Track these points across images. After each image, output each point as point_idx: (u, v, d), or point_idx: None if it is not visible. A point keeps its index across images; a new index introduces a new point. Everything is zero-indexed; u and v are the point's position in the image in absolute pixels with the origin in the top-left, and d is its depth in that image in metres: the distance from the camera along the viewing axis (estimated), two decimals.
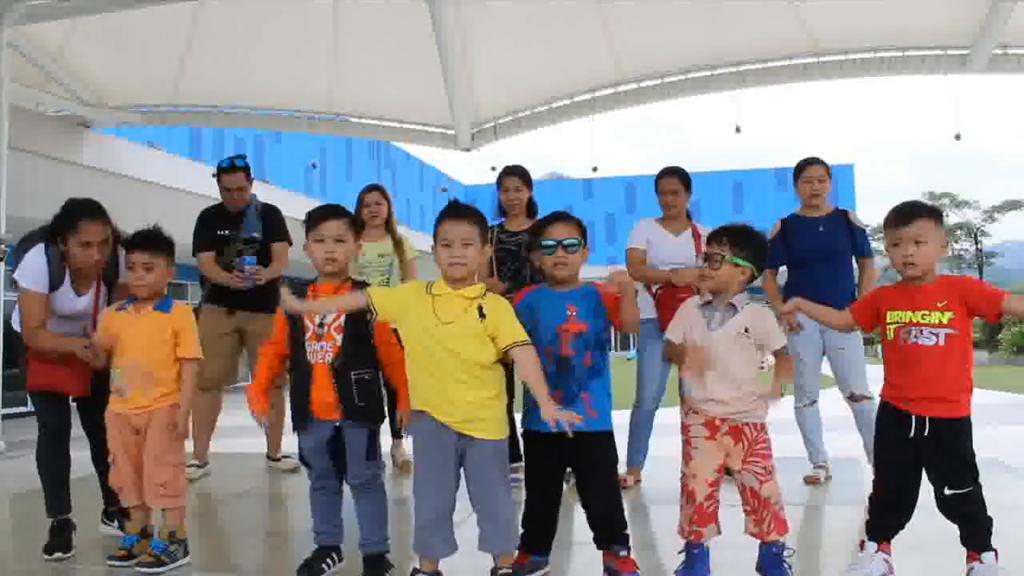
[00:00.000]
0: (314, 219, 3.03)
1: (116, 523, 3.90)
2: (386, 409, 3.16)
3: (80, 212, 3.40)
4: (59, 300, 3.50)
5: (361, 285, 3.03)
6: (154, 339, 3.27)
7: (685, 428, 2.88)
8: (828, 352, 4.61)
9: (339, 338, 2.94)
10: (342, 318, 2.95)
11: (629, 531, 2.90)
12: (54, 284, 3.45)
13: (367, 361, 2.99)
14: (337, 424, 2.96)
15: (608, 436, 2.89)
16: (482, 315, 2.66)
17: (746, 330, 2.80)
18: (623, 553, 2.84)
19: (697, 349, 2.78)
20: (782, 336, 2.85)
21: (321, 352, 2.94)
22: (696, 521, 2.80)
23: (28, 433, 4.04)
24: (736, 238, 2.85)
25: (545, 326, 2.84)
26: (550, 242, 2.90)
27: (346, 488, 3.09)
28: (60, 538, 3.47)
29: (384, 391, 3.11)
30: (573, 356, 2.83)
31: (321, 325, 2.95)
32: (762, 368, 2.89)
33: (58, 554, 3.38)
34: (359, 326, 2.96)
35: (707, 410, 2.82)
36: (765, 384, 2.83)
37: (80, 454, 4.15)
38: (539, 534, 2.96)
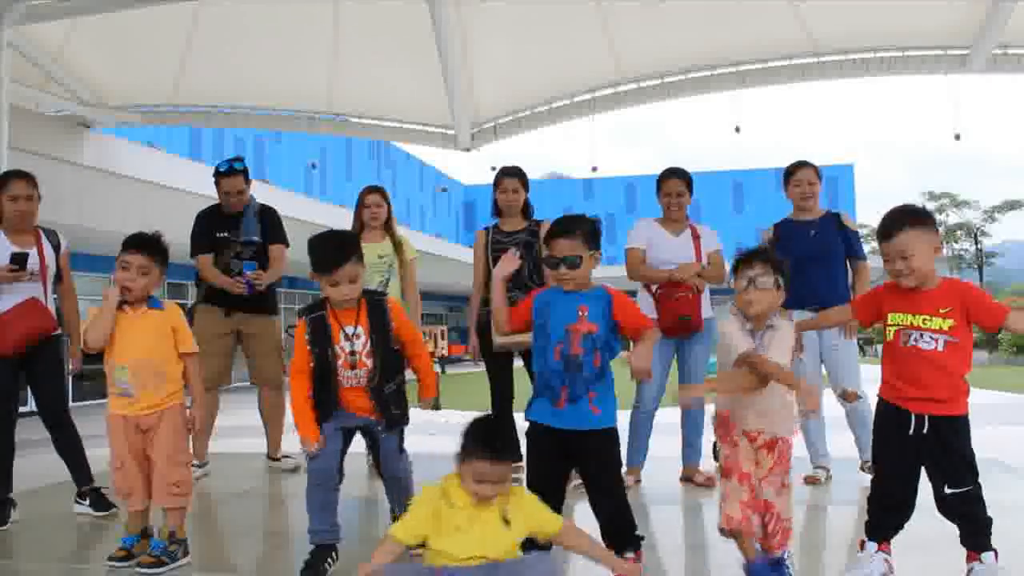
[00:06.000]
0: (327, 262, 3.01)
1: (88, 501, 3.92)
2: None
3: (9, 174, 4.15)
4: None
5: (376, 295, 3.23)
6: (159, 337, 3.28)
7: (724, 433, 2.89)
8: (822, 350, 4.60)
9: (371, 362, 3.07)
10: (370, 343, 3.07)
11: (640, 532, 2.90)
12: None
13: (396, 369, 3.16)
14: (367, 424, 3.13)
15: (612, 435, 2.89)
16: (506, 522, 2.54)
17: None
18: (630, 556, 2.83)
19: (813, 388, 2.84)
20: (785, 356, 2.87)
21: (355, 378, 3.08)
22: (743, 505, 2.75)
23: (27, 432, 4.04)
24: (772, 261, 2.89)
25: (556, 324, 2.86)
26: (553, 260, 2.91)
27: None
28: None
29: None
30: (582, 355, 2.83)
31: (352, 353, 3.05)
32: None
33: None
34: (386, 343, 3.11)
35: (750, 426, 2.83)
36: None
37: (92, 452, 4.17)
38: None
